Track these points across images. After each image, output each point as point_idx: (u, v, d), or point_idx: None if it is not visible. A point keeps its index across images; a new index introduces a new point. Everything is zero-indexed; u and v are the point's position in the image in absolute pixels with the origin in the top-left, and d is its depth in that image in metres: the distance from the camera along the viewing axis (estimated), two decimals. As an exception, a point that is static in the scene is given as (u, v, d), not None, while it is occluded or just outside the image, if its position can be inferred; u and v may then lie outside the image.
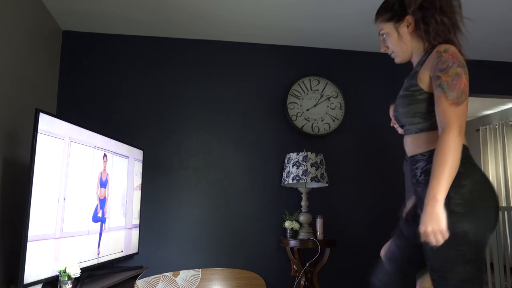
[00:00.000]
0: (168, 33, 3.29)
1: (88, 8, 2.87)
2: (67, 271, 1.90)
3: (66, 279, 1.89)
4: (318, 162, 3.02)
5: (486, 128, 6.05)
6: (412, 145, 1.44)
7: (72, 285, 1.93)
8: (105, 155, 2.52)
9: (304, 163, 2.98)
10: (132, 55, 3.30)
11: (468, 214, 1.24)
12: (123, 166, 2.76)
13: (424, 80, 1.36)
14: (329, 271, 3.26)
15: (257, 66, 3.45)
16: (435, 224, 1.18)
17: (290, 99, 3.40)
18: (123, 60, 3.28)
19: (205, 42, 3.41)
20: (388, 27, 1.49)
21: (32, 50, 2.66)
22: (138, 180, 2.98)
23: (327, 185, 3.11)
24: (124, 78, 3.26)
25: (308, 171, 2.96)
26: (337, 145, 3.46)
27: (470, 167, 1.29)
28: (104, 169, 2.51)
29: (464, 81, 1.27)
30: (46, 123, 1.99)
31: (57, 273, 1.94)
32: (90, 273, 2.31)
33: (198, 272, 3.09)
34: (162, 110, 3.27)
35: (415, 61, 1.50)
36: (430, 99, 1.36)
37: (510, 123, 5.70)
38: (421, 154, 1.40)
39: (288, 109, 3.38)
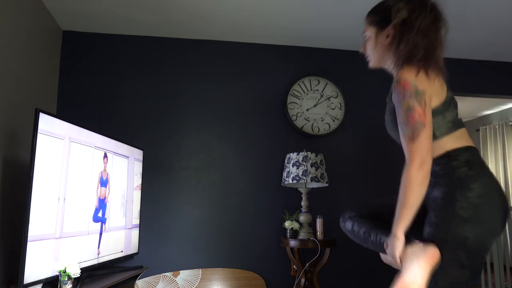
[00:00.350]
0: (168, 33, 3.29)
1: (88, 8, 2.87)
2: (67, 271, 1.90)
3: (66, 279, 1.89)
4: (318, 162, 3.02)
5: (486, 128, 6.05)
6: None
7: (72, 285, 1.93)
8: (105, 155, 2.52)
9: (304, 163, 2.98)
10: (132, 55, 3.30)
11: (471, 220, 1.22)
12: (123, 166, 2.76)
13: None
14: (329, 271, 3.26)
15: (257, 66, 3.45)
16: (390, 251, 1.29)
17: (290, 99, 3.40)
18: (123, 60, 3.28)
19: (205, 42, 3.41)
20: (370, 31, 1.48)
21: (32, 50, 2.66)
22: (138, 180, 2.98)
23: (327, 185, 3.11)
24: (124, 78, 3.26)
25: (308, 171, 2.96)
26: (337, 145, 3.46)
27: (479, 169, 1.28)
28: (105, 169, 2.51)
29: (417, 111, 1.25)
30: (46, 123, 1.99)
31: (57, 273, 1.94)
32: (90, 273, 2.31)
33: (198, 272, 3.09)
34: (162, 110, 3.27)
35: (391, 69, 1.49)
36: None
37: (510, 123, 5.70)
38: None
39: (288, 109, 3.38)
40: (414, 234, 1.40)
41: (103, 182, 2.50)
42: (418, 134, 1.25)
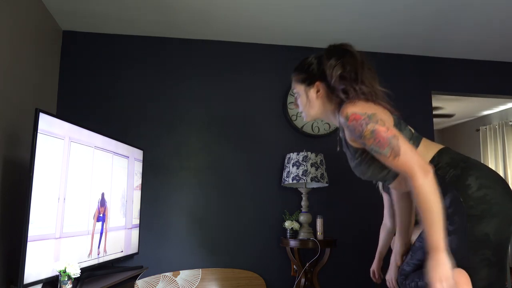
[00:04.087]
0: (168, 33, 3.29)
1: (88, 8, 2.87)
2: (67, 271, 1.90)
3: (66, 279, 1.89)
4: (318, 162, 3.02)
5: (486, 128, 6.05)
6: (399, 185, 1.45)
7: (72, 285, 1.93)
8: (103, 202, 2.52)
9: (304, 163, 2.98)
10: (132, 55, 3.30)
11: (485, 215, 1.21)
12: (123, 166, 2.76)
13: (354, 143, 1.37)
14: (329, 271, 3.26)
15: (257, 66, 3.45)
16: (442, 272, 1.14)
17: (290, 99, 3.40)
18: (123, 60, 3.28)
19: (205, 42, 3.41)
20: (299, 88, 1.54)
21: (32, 50, 2.66)
22: (138, 180, 2.98)
23: (327, 185, 3.11)
24: (124, 78, 3.26)
25: (308, 171, 2.96)
26: (337, 145, 3.45)
27: (463, 165, 1.28)
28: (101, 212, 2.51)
29: (381, 130, 1.24)
30: (46, 123, 1.99)
31: (57, 273, 1.93)
32: (90, 273, 2.31)
33: (198, 272, 3.09)
34: (162, 110, 3.27)
35: (331, 119, 1.51)
36: None
37: (510, 123, 5.70)
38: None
39: (288, 109, 3.37)
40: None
41: (100, 218, 2.50)
42: (398, 146, 1.21)
